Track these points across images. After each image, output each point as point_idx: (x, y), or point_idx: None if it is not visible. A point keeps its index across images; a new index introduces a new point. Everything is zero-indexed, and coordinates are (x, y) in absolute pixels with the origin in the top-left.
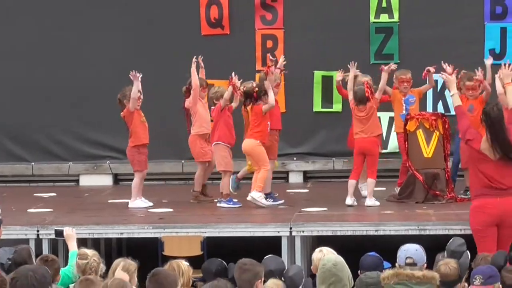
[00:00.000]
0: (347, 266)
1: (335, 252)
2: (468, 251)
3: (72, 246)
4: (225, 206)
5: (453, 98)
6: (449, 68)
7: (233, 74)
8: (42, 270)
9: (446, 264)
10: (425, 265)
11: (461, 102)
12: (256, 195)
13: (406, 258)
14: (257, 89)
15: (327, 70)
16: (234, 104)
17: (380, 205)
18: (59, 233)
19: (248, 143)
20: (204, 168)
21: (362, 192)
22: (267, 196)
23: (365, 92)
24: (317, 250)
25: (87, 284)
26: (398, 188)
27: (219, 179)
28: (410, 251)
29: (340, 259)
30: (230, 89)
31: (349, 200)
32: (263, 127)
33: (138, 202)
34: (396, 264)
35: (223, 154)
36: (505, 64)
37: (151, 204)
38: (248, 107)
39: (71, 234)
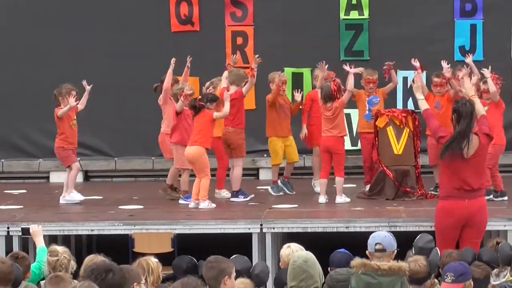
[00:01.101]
0: (317, 262)
1: (303, 248)
2: (437, 248)
3: (39, 242)
4: (183, 203)
5: (420, 103)
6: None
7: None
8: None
9: (416, 261)
10: (395, 252)
11: (427, 106)
12: (204, 205)
13: (376, 244)
14: (200, 97)
15: (297, 67)
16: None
17: (351, 201)
18: (26, 231)
19: (193, 150)
20: None
21: (315, 189)
22: (238, 193)
23: (332, 90)
24: (285, 246)
25: (57, 281)
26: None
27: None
28: (379, 237)
29: (310, 255)
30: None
31: (322, 199)
32: (210, 133)
33: (74, 195)
34: (367, 252)
35: (181, 152)
36: (468, 55)
37: (83, 198)
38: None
39: (38, 230)
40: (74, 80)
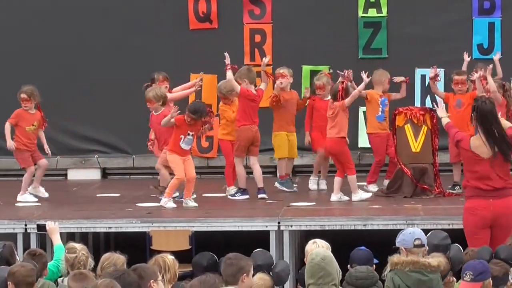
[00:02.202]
0: (335, 260)
1: (329, 245)
2: (458, 244)
3: (56, 240)
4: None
5: (443, 120)
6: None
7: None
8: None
9: (434, 257)
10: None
11: (449, 120)
12: (162, 201)
13: (415, 239)
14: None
15: (315, 65)
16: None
17: (368, 199)
18: (42, 228)
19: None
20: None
21: (309, 185)
22: (241, 191)
23: (338, 91)
24: (311, 242)
25: (81, 278)
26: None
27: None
28: (417, 233)
29: (328, 253)
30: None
31: (333, 197)
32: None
33: (26, 196)
34: (402, 248)
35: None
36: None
37: (36, 199)
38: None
39: (54, 227)
40: (87, 76)
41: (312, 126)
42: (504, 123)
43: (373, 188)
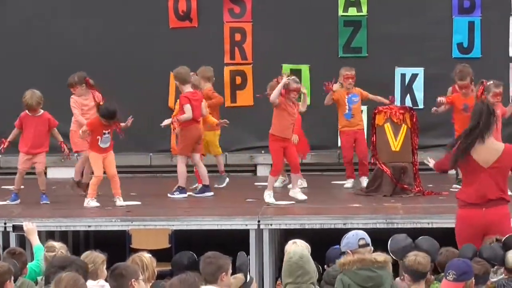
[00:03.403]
0: (312, 259)
1: (308, 245)
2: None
3: (35, 240)
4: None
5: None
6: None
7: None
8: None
9: (416, 256)
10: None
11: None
12: (86, 201)
13: (359, 240)
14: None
15: (295, 64)
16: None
17: (349, 198)
18: (19, 228)
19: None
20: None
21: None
22: (180, 190)
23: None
24: (291, 242)
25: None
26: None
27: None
28: (360, 234)
29: (306, 252)
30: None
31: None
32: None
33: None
34: (349, 251)
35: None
36: None
37: None
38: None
39: (32, 228)
40: (67, 75)
41: None
42: None
43: (349, 183)
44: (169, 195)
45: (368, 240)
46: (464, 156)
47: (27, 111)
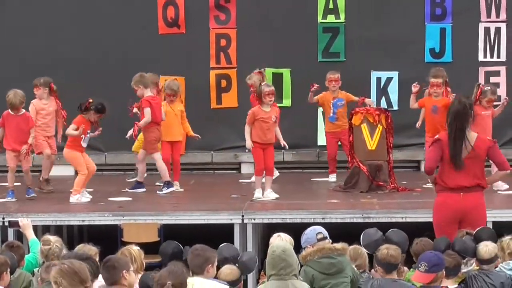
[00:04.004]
0: (294, 252)
1: (292, 239)
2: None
3: (30, 235)
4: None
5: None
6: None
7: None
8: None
9: (388, 249)
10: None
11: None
12: (72, 199)
13: (317, 234)
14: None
15: (277, 67)
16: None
17: (328, 194)
18: (14, 224)
19: (65, 152)
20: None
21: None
22: (138, 184)
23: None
24: (275, 235)
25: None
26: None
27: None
28: (317, 228)
29: (288, 245)
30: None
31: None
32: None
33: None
34: (308, 246)
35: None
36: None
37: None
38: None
39: (27, 223)
40: (61, 77)
41: None
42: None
43: (332, 178)
44: (158, 192)
45: (326, 233)
46: (459, 159)
47: (9, 110)
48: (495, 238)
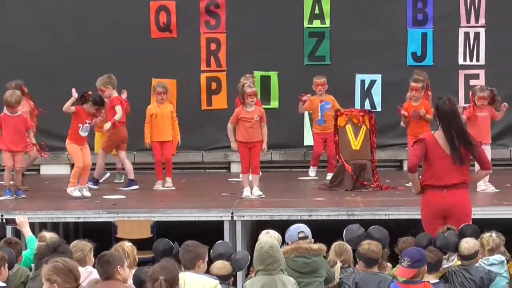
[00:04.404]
0: (280, 248)
1: (280, 235)
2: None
3: (27, 232)
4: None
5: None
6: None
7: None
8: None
9: (369, 244)
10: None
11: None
12: (68, 190)
13: (299, 233)
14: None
15: (265, 71)
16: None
17: (313, 192)
18: (11, 221)
19: (66, 143)
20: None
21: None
22: (94, 181)
23: None
24: (264, 232)
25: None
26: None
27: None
28: (301, 227)
29: (275, 242)
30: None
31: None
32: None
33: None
34: (289, 243)
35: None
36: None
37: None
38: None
39: (24, 220)
40: (59, 79)
41: None
42: None
43: (312, 171)
44: (122, 188)
45: (308, 232)
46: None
47: (6, 111)
48: (478, 235)
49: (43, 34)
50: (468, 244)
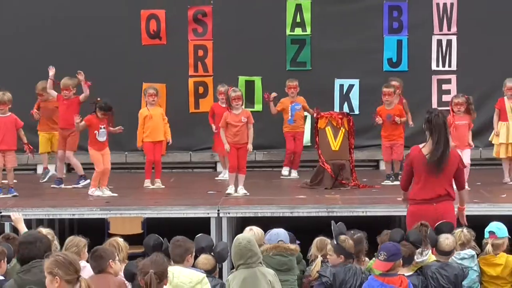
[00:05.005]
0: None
1: (263, 232)
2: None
3: (22, 228)
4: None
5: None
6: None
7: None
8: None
9: (346, 239)
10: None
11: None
12: (89, 191)
13: (278, 241)
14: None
15: (250, 76)
16: None
17: (295, 190)
18: (6, 218)
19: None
20: None
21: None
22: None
23: None
24: (248, 228)
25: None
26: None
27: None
28: (281, 234)
29: (252, 237)
30: None
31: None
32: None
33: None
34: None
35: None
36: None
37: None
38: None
39: (19, 217)
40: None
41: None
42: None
43: (285, 170)
44: (74, 186)
45: (286, 239)
46: (441, 163)
47: None
48: (452, 231)
49: (36, 40)
50: (448, 240)
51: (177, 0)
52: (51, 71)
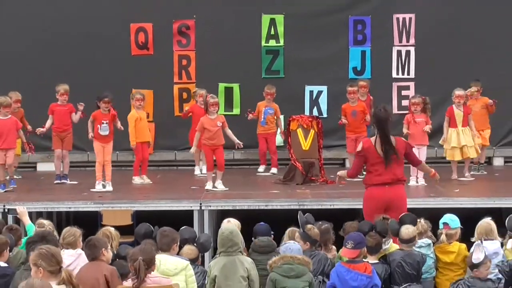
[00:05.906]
0: (240, 233)
1: (239, 222)
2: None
3: (26, 221)
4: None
5: (342, 174)
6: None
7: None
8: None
9: (311, 229)
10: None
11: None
12: (96, 183)
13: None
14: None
15: (229, 83)
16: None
17: (269, 186)
18: (13, 211)
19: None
20: None
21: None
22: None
23: None
24: (226, 220)
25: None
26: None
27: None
28: (294, 250)
29: (235, 228)
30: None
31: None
32: (96, 130)
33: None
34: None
35: None
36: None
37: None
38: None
39: (23, 210)
40: (46, 92)
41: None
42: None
43: (261, 168)
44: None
45: (298, 253)
46: (388, 157)
47: None
48: (415, 222)
49: (33, 46)
50: (408, 230)
51: (163, 14)
52: (81, 107)
